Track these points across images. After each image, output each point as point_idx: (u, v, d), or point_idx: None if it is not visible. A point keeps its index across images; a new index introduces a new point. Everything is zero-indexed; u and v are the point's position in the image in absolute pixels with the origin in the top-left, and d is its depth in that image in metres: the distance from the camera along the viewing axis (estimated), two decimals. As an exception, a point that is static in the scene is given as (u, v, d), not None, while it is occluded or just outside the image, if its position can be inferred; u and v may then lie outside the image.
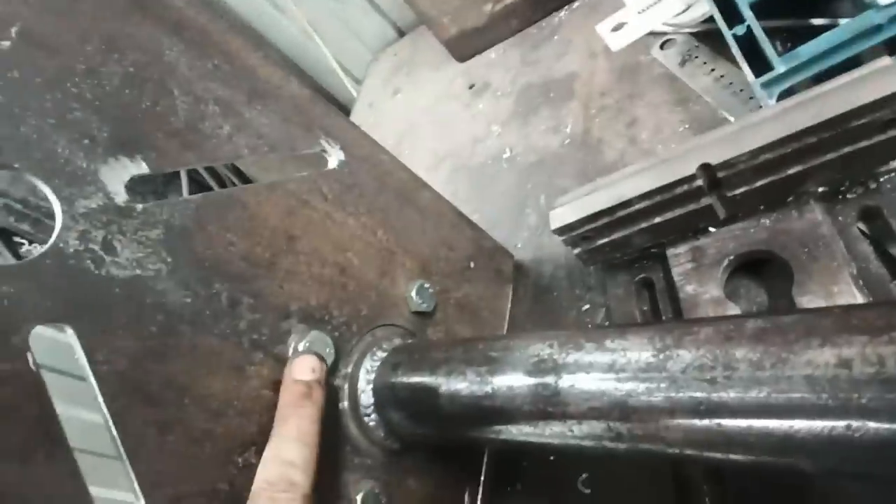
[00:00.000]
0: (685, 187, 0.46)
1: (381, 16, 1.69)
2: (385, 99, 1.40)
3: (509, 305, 0.70)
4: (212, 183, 1.30)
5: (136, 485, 0.32)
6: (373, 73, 1.60)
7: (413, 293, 0.54)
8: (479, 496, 0.56)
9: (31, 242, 1.30)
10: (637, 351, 0.31)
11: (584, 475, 0.51)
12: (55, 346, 0.32)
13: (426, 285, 0.56)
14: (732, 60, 0.68)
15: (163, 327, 0.36)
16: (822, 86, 0.43)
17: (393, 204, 0.56)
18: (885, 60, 0.42)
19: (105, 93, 0.36)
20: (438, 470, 0.52)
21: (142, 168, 0.37)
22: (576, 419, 0.32)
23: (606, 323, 0.59)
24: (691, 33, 0.74)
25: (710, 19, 0.70)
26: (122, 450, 0.32)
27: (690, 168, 0.45)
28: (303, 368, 0.40)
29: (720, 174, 0.45)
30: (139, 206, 0.36)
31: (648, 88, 0.76)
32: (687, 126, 0.67)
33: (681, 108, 0.69)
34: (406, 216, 0.57)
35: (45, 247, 0.32)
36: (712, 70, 0.69)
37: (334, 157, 0.51)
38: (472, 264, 0.65)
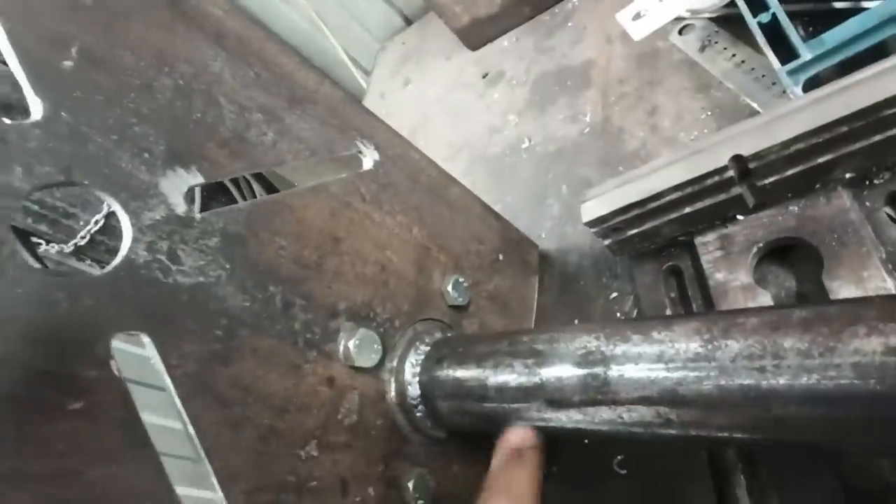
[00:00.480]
0: (716, 178, 0.48)
1: (387, 3, 1.68)
2: (396, 89, 1.40)
3: (536, 295, 0.71)
4: (230, 186, 1.32)
5: (214, 481, 0.34)
6: (381, 62, 1.60)
7: (449, 288, 0.56)
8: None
9: (48, 243, 1.32)
10: (685, 342, 0.32)
11: (619, 457, 0.53)
12: (134, 353, 0.33)
13: (461, 279, 0.57)
14: (753, 45, 0.68)
15: (226, 331, 0.38)
16: (853, 76, 0.44)
17: (425, 201, 0.57)
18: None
19: (159, 106, 0.38)
20: (479, 456, 0.54)
21: (197, 178, 0.39)
22: (626, 407, 0.34)
23: (635, 311, 0.61)
24: (710, 18, 0.74)
25: (730, 4, 0.70)
26: (199, 449, 0.34)
27: (722, 160, 0.46)
28: (516, 436, 0.41)
29: (751, 165, 0.46)
30: (198, 216, 0.38)
31: (668, 75, 0.76)
32: (709, 113, 0.68)
33: (702, 95, 0.70)
34: (438, 212, 0.59)
35: (118, 259, 0.34)
36: (733, 55, 0.69)
37: (369, 158, 0.53)
38: (500, 256, 0.67)
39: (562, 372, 0.37)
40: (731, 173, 0.47)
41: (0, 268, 0.29)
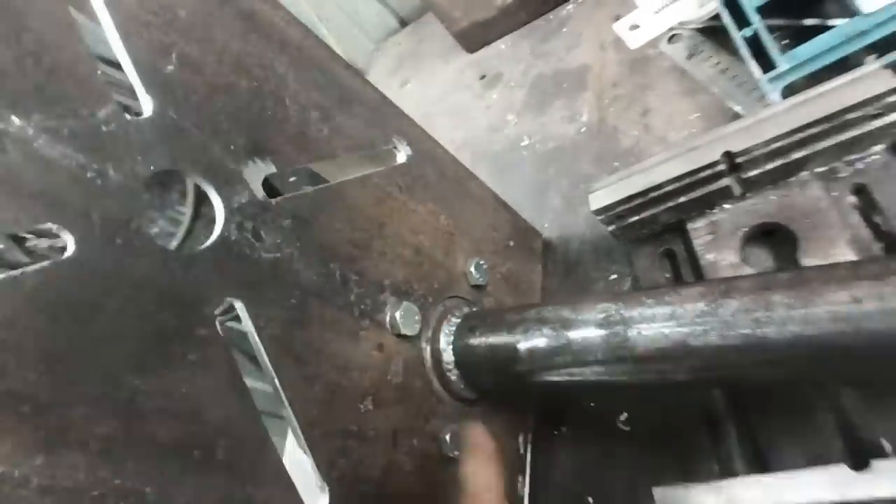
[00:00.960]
0: (708, 171, 0.55)
1: (382, 4, 1.73)
2: (394, 89, 1.45)
3: (541, 279, 0.78)
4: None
5: (297, 426, 0.40)
6: (377, 63, 1.65)
7: (472, 269, 0.62)
8: (531, 440, 0.65)
9: (39, 236, 1.33)
10: (692, 303, 0.40)
11: (623, 415, 0.60)
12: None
13: (481, 262, 0.64)
14: (734, 54, 0.76)
15: (299, 300, 0.43)
16: (823, 85, 0.52)
17: (450, 192, 0.64)
18: (874, 65, 0.51)
19: (239, 106, 0.43)
20: (499, 418, 0.61)
21: (271, 168, 0.44)
22: (643, 359, 0.41)
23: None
24: (696, 29, 0.82)
25: (715, 17, 0.79)
26: (284, 399, 0.40)
27: (714, 155, 0.54)
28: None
29: (739, 160, 0.54)
30: (273, 201, 0.44)
31: (658, 80, 0.84)
32: (697, 115, 0.76)
33: (690, 99, 0.78)
34: (460, 202, 0.65)
35: (215, 237, 0.39)
36: (717, 63, 0.78)
37: (403, 153, 0.59)
38: (511, 243, 0.73)
39: (587, 333, 0.44)
40: (722, 167, 0.55)
41: (129, 240, 0.34)
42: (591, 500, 0.58)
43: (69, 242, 0.31)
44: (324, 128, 0.50)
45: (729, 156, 0.54)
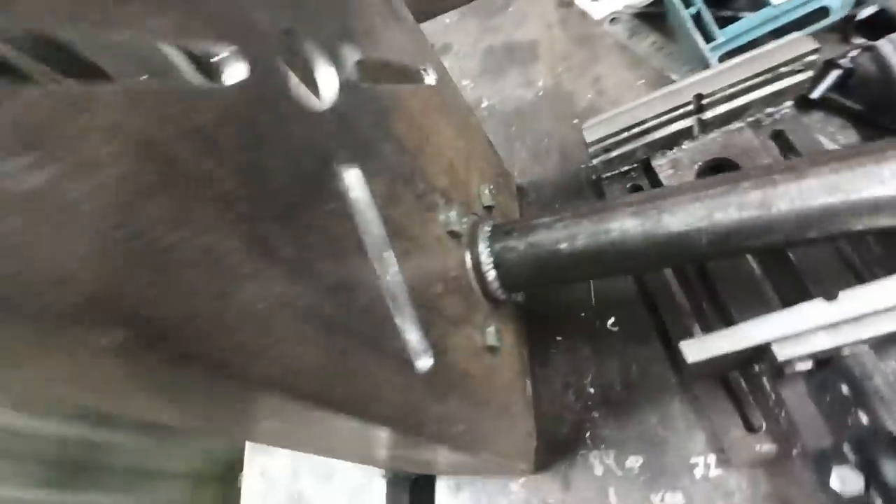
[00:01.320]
0: (682, 110, 0.68)
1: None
2: (329, 55, 1.44)
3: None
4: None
5: (404, 292, 0.43)
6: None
7: (486, 191, 0.68)
8: (530, 349, 0.73)
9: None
10: (713, 188, 0.50)
11: (611, 319, 0.71)
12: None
13: (490, 186, 0.70)
14: (667, 35, 0.93)
15: (389, 181, 0.46)
16: (759, 49, 0.68)
17: (461, 122, 0.69)
18: (794, 35, 0.68)
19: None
20: (512, 323, 0.68)
21: (357, 56, 0.46)
22: (675, 233, 0.51)
23: (607, 219, 0.79)
24: (633, 14, 0.97)
25: (651, 4, 0.94)
26: (397, 266, 0.42)
27: (687, 98, 0.67)
28: None
29: (704, 101, 0.68)
30: (364, 85, 0.45)
31: (605, 54, 0.98)
32: (642, 82, 0.90)
33: (634, 70, 0.93)
34: (468, 133, 0.71)
35: (329, 104, 0.40)
36: (654, 42, 0.93)
37: (431, 77, 0.63)
38: (500, 179, 0.81)
39: (624, 221, 0.53)
40: (691, 107, 0.68)
41: (276, 85, 0.35)
42: (591, 390, 0.68)
43: (241, 69, 0.32)
44: (384, 32, 0.52)
45: (699, 97, 0.67)
